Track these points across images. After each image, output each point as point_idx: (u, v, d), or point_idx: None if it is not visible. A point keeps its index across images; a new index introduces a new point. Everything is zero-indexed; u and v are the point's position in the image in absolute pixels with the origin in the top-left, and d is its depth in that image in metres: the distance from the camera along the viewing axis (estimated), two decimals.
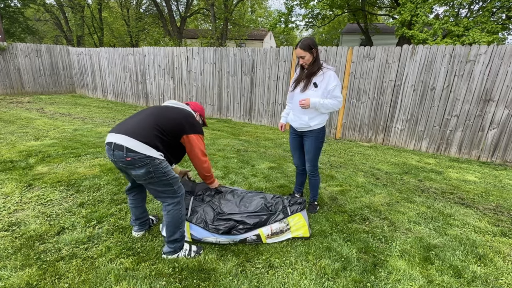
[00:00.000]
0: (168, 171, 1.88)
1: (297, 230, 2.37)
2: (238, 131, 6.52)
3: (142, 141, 1.77)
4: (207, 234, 2.24)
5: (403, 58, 5.37)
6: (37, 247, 2.12)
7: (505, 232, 2.65)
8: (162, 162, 1.85)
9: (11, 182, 3.17)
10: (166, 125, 1.91)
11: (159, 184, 1.88)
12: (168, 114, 2.01)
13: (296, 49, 2.41)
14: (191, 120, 2.07)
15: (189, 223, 2.27)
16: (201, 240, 2.26)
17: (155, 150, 1.82)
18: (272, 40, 31.06)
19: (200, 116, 2.37)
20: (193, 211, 2.33)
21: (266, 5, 29.95)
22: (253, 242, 2.29)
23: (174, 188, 1.94)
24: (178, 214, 1.98)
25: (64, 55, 11.12)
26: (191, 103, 2.34)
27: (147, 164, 1.77)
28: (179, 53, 8.17)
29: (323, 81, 2.42)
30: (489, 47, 4.72)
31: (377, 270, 2.06)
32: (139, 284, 1.82)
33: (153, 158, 1.79)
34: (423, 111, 5.38)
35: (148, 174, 1.80)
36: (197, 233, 2.25)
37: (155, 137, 1.84)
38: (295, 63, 6.46)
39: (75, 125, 6.22)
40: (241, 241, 2.27)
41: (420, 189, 3.66)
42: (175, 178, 1.94)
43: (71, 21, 19.92)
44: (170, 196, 1.95)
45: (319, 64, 2.44)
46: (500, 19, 10.05)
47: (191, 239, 2.28)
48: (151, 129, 1.84)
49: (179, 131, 1.97)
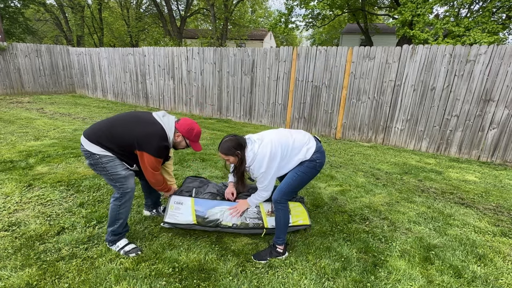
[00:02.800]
0: (108, 166, 1.98)
1: (296, 215, 2.39)
2: (238, 131, 6.52)
3: (87, 138, 1.98)
4: (212, 204, 2.30)
5: (403, 58, 5.37)
6: (37, 247, 2.12)
7: (505, 232, 2.65)
8: (102, 157, 1.97)
9: (11, 182, 3.18)
10: (120, 133, 1.99)
11: (104, 176, 2.06)
12: (130, 125, 2.01)
13: (218, 152, 2.11)
14: (149, 139, 1.97)
15: (194, 199, 2.33)
16: (205, 216, 2.25)
17: (98, 146, 1.96)
18: (272, 40, 31.07)
19: (184, 138, 2.13)
20: (197, 192, 2.43)
21: (266, 5, 29.94)
22: (254, 220, 2.30)
23: (116, 184, 2.04)
24: (116, 209, 2.07)
25: (64, 55, 11.12)
26: (181, 121, 2.12)
27: (88, 157, 2.00)
28: (179, 53, 8.17)
29: (254, 171, 2.07)
30: (489, 47, 4.72)
31: (377, 270, 2.06)
32: (139, 284, 1.82)
33: (93, 153, 1.96)
34: (423, 111, 5.38)
35: (91, 166, 2.03)
36: (202, 207, 2.28)
37: (102, 137, 1.97)
38: (295, 63, 6.47)
39: (75, 125, 6.22)
40: (242, 216, 2.29)
41: (420, 189, 3.66)
42: (116, 175, 2.01)
43: (71, 21, 19.93)
44: (115, 188, 2.08)
45: (246, 162, 2.06)
46: (500, 19, 10.05)
47: (196, 218, 2.24)
48: (102, 131, 2.00)
49: (130, 144, 1.99)
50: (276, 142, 2.04)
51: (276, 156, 2.01)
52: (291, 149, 2.09)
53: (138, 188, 3.20)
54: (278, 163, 2.03)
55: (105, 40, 23.74)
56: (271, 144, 2.02)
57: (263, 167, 2.00)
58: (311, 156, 2.10)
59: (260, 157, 2.00)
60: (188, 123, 2.13)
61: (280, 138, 2.09)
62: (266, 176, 2.04)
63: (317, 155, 2.13)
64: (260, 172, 2.02)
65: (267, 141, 2.04)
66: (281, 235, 2.17)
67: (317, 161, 2.13)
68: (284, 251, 2.18)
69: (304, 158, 2.10)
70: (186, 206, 2.29)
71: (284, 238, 2.18)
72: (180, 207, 2.28)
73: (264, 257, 2.15)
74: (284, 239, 2.19)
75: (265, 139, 2.06)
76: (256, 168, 2.03)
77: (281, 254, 2.17)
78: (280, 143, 2.05)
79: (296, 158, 2.10)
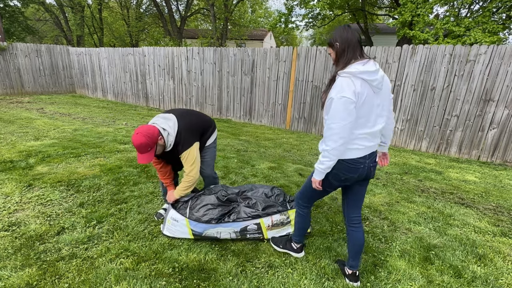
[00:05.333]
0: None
1: None
2: (238, 131, 6.52)
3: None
4: (208, 227, 2.23)
5: (403, 58, 5.37)
6: (37, 247, 2.12)
7: (505, 232, 2.65)
8: None
9: (11, 182, 3.18)
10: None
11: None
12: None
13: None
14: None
15: (188, 220, 2.25)
16: (203, 234, 2.24)
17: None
18: (272, 40, 31.05)
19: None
20: (191, 208, 2.33)
21: (266, 5, 29.96)
22: (254, 234, 2.29)
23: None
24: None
25: (64, 55, 11.12)
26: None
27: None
28: (179, 53, 8.17)
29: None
30: (489, 47, 4.72)
31: (377, 270, 2.06)
32: (139, 284, 1.82)
33: None
34: (423, 111, 5.38)
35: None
36: (197, 228, 2.24)
37: None
38: (295, 63, 6.47)
39: (75, 125, 6.22)
40: (242, 232, 2.26)
41: (420, 189, 3.66)
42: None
43: (71, 21, 19.89)
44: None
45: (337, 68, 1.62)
46: (500, 19, 10.05)
47: (193, 235, 2.26)
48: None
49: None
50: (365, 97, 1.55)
51: (352, 97, 1.51)
52: (364, 121, 1.60)
53: (138, 188, 3.21)
54: (348, 111, 1.51)
55: (105, 40, 23.73)
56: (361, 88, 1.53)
57: (333, 92, 1.55)
58: (349, 158, 1.66)
59: (337, 82, 1.57)
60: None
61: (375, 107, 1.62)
62: (328, 108, 1.59)
63: (352, 165, 1.66)
64: (330, 96, 1.57)
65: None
66: (297, 235, 2.13)
67: (343, 171, 1.68)
68: (298, 250, 2.15)
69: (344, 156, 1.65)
70: (182, 225, 2.26)
71: (299, 239, 2.13)
72: (176, 224, 2.27)
73: (279, 244, 2.19)
74: (300, 240, 2.14)
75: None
76: (331, 95, 1.57)
77: (295, 251, 2.15)
78: (368, 103, 1.57)
79: (353, 136, 1.61)
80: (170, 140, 2.17)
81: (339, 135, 1.54)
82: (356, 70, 1.52)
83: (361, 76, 1.53)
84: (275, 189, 2.57)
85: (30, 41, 19.69)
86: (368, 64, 1.55)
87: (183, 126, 2.23)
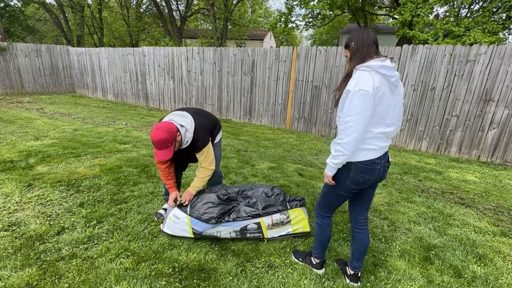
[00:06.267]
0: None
1: (297, 223, 2.38)
2: (238, 131, 6.52)
3: None
4: (208, 226, 2.23)
5: (403, 58, 5.37)
6: (37, 247, 2.12)
7: (505, 232, 2.65)
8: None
9: (11, 182, 3.18)
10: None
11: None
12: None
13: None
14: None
15: (189, 218, 2.25)
16: (203, 234, 2.24)
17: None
18: (272, 40, 31.05)
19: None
20: (192, 206, 2.33)
21: (266, 5, 29.95)
22: (254, 233, 2.29)
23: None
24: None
25: (64, 55, 11.12)
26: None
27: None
28: (179, 53, 8.17)
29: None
30: (489, 47, 4.72)
31: (377, 270, 2.06)
32: (139, 284, 1.82)
33: None
34: (423, 111, 5.38)
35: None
36: (198, 227, 2.24)
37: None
38: (295, 63, 6.47)
39: (75, 125, 6.22)
40: (242, 232, 2.26)
41: (420, 189, 3.66)
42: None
43: (71, 21, 19.90)
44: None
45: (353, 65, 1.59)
46: (500, 19, 10.05)
47: (193, 234, 2.26)
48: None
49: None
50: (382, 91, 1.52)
51: (371, 90, 1.47)
52: (379, 118, 1.56)
53: (138, 188, 3.21)
54: (367, 104, 1.48)
55: (105, 40, 23.74)
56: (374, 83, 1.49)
57: (351, 85, 1.51)
58: (366, 160, 1.60)
59: (353, 78, 1.53)
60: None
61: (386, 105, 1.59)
62: (343, 101, 1.55)
63: (369, 166, 1.62)
64: (347, 88, 1.53)
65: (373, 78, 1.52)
66: (316, 249, 1.99)
67: (360, 174, 1.63)
68: (318, 266, 2.01)
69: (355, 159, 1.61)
70: (182, 222, 2.27)
71: (318, 253, 1.99)
72: (177, 222, 2.27)
73: (299, 257, 2.12)
74: (320, 255, 2.00)
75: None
76: (345, 100, 1.54)
77: (314, 267, 2.02)
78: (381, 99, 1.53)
79: (369, 134, 1.58)
80: (188, 137, 2.19)
81: (353, 129, 1.49)
82: (375, 64, 1.51)
83: (380, 71, 1.51)
84: (275, 188, 2.57)
85: (30, 41, 19.69)
86: (387, 61, 1.54)
87: (200, 124, 2.27)
